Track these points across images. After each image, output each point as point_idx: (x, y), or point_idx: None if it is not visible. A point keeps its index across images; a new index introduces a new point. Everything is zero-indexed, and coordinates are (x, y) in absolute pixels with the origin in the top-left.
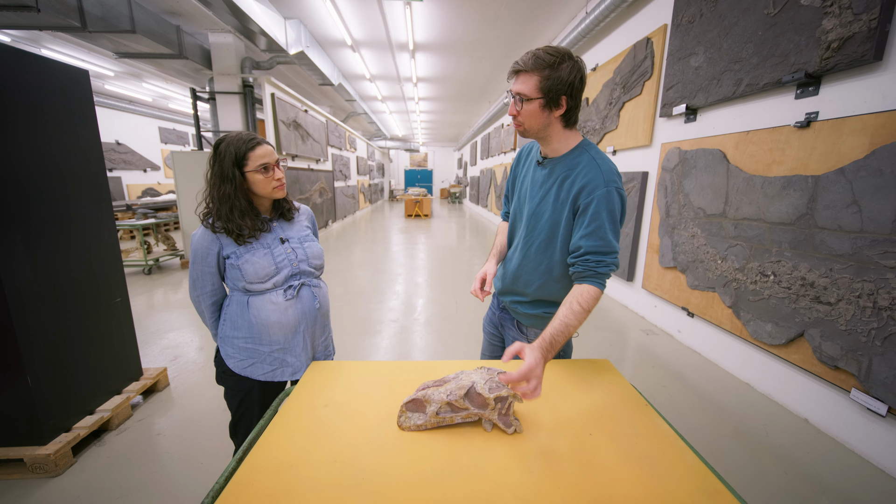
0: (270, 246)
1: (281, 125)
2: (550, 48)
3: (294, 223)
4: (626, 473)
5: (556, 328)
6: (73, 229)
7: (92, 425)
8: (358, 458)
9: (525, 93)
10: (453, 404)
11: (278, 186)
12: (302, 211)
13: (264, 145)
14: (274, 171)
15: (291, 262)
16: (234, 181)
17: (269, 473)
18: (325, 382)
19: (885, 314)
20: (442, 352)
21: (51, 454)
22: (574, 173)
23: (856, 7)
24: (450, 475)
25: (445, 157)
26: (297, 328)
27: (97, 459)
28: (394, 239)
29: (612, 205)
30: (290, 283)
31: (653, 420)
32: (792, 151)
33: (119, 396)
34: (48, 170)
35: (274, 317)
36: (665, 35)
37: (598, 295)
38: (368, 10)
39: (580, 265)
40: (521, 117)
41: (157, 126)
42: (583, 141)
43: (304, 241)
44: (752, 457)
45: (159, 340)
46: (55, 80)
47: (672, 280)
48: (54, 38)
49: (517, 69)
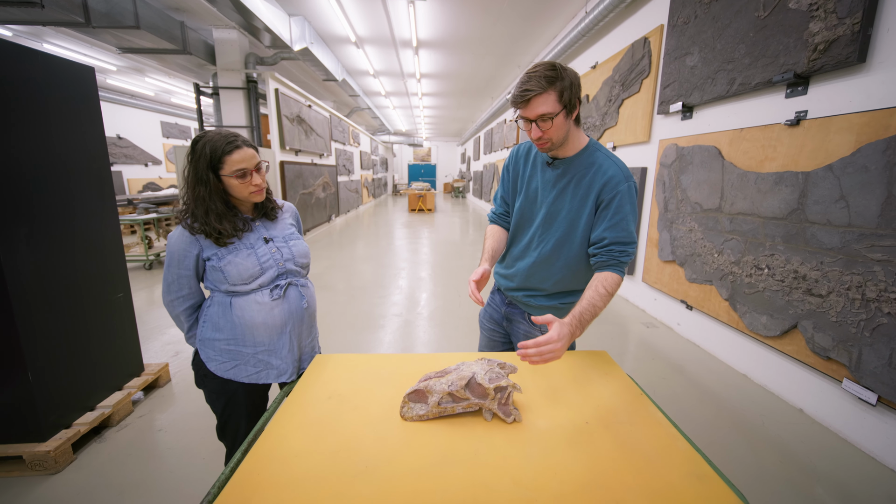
0: (254, 246)
1: (284, 120)
2: (544, 65)
3: (278, 222)
4: (620, 459)
5: (584, 307)
6: (77, 224)
7: (92, 422)
8: (361, 447)
9: (549, 111)
10: (454, 394)
11: (255, 192)
12: (286, 209)
13: (243, 149)
14: (252, 176)
15: (277, 262)
16: (208, 184)
17: (274, 463)
18: (329, 375)
19: (872, 306)
20: (445, 346)
21: (50, 451)
22: (592, 171)
23: (840, 11)
24: (451, 463)
25: (449, 152)
26: (283, 329)
27: (97, 456)
28: (397, 233)
29: (633, 199)
30: (277, 283)
31: (647, 408)
32: (783, 148)
33: (120, 392)
34: (52, 165)
35: (259, 317)
36: (662, 35)
37: (619, 281)
38: (372, 7)
39: (604, 255)
40: (548, 135)
41: (159, 120)
42: (591, 141)
43: (288, 240)
44: (750, 447)
45: (161, 336)
46: (61, 77)
47: (671, 273)
48: (56, 33)
49: (529, 97)
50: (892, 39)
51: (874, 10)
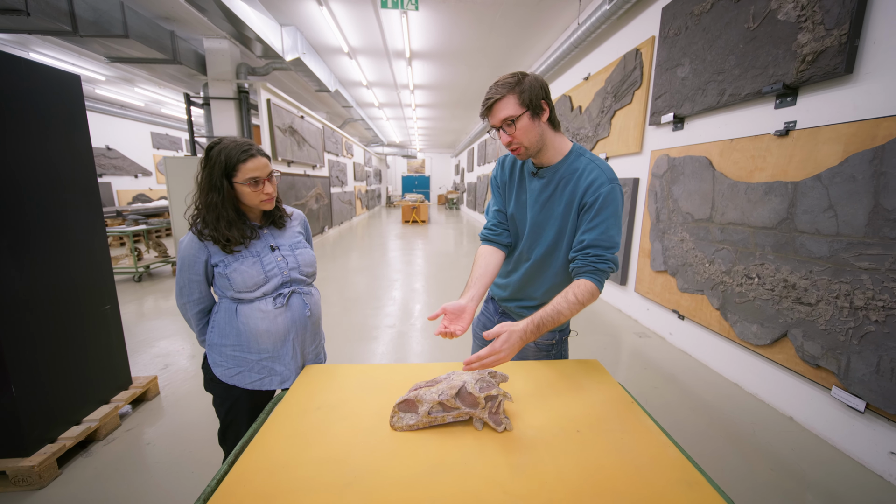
0: (260, 254)
1: (277, 131)
2: (505, 75)
3: (286, 230)
4: (611, 468)
5: (546, 312)
6: (62, 235)
7: (78, 436)
8: (350, 457)
9: (510, 114)
10: (445, 404)
11: (266, 200)
12: (295, 216)
13: (258, 158)
14: (264, 184)
15: (282, 271)
16: (221, 191)
17: (261, 474)
18: (318, 385)
19: (860, 314)
20: (438, 356)
21: (34, 466)
22: (576, 177)
23: (827, 23)
24: (441, 473)
25: (443, 164)
26: (286, 336)
27: (83, 471)
28: (391, 245)
29: (617, 201)
30: (280, 292)
31: (638, 417)
32: (772, 158)
33: (107, 406)
34: (37, 175)
35: (263, 325)
36: (653, 46)
37: (594, 290)
38: (365, 18)
39: (580, 259)
40: (517, 139)
41: (149, 131)
42: (574, 146)
43: (295, 249)
44: (741, 455)
45: (150, 348)
46: (46, 85)
47: (663, 283)
48: (44, 42)
49: (490, 104)
50: (878, 50)
51: (861, 22)
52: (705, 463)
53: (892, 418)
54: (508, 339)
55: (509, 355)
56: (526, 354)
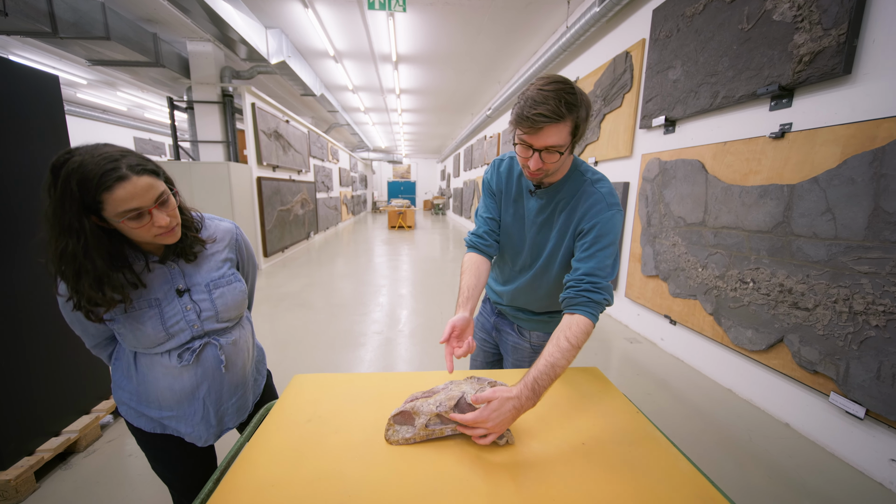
0: (160, 303)
1: (262, 135)
2: (561, 84)
3: (203, 261)
4: (619, 482)
5: (540, 370)
6: (39, 240)
7: (57, 447)
8: (344, 474)
9: (559, 144)
10: (443, 416)
11: (163, 234)
12: (220, 238)
13: (130, 180)
14: (152, 216)
15: (191, 325)
16: (81, 234)
17: (247, 494)
18: (309, 397)
19: (860, 318)
20: (427, 363)
21: (11, 480)
22: (575, 199)
23: (825, 22)
24: (440, 490)
25: (429, 169)
26: (193, 395)
27: (62, 484)
28: (377, 250)
29: (615, 230)
30: (189, 347)
31: (644, 427)
32: (767, 161)
33: (88, 416)
34: (11, 179)
35: (164, 382)
36: (644, 49)
37: (588, 329)
38: (351, 20)
39: (573, 289)
40: (547, 168)
41: (131, 136)
42: (574, 162)
43: (213, 290)
44: (737, 462)
45: None
46: (21, 86)
47: (654, 288)
48: (23, 45)
49: (542, 124)
50: (878, 51)
51: (860, 21)
52: None
53: (892, 424)
54: (499, 408)
55: (499, 428)
56: (524, 362)
